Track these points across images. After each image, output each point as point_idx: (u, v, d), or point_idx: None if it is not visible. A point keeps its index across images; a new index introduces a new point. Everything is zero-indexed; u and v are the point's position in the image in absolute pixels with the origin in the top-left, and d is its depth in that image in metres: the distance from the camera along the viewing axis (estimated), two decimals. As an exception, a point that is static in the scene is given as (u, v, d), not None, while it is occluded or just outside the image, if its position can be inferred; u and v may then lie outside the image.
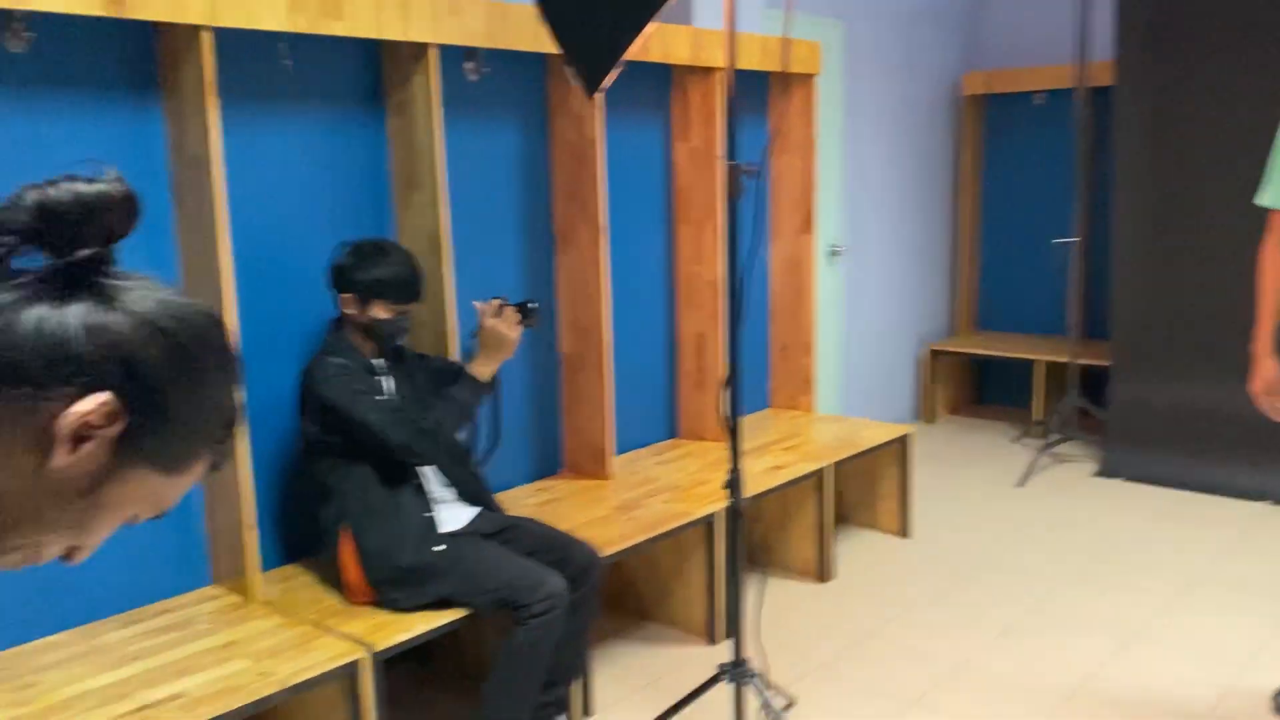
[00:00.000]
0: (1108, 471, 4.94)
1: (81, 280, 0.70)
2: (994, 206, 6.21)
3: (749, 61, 3.91)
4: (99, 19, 2.33)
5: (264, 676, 2.23)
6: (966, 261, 6.22)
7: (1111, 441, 5.00)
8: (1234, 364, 4.41)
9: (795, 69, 4.17)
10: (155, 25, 2.47)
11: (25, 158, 2.35)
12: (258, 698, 2.17)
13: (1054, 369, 5.56)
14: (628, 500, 3.35)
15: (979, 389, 6.45)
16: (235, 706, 2.14)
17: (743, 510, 2.41)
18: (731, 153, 2.34)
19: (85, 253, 0.70)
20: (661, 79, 3.87)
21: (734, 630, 2.62)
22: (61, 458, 0.69)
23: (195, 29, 2.40)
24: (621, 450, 3.84)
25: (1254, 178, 2.90)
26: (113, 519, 0.75)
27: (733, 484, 2.38)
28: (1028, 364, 5.67)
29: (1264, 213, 2.78)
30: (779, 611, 3.59)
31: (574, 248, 3.50)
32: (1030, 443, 5.50)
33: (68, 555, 0.76)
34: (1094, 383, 5.36)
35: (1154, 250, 4.84)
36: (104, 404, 0.69)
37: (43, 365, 0.67)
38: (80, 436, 0.69)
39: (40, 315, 0.68)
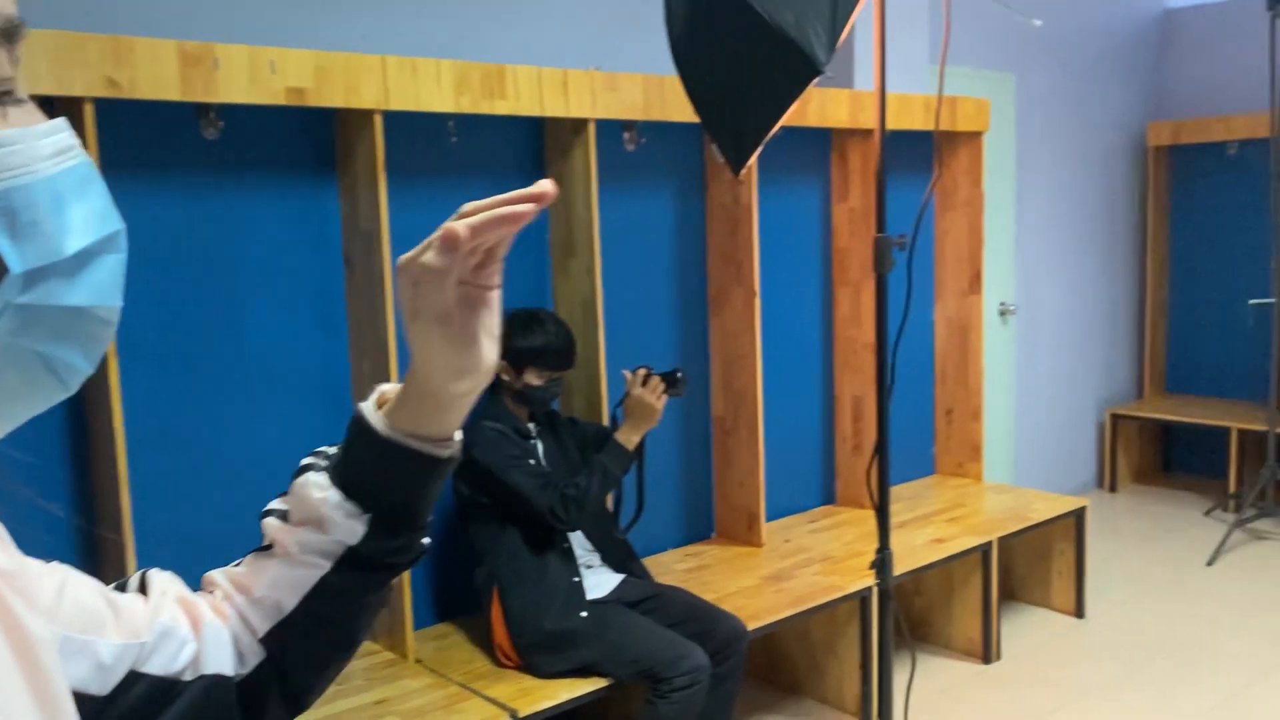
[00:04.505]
0: (1313, 553, 4.53)
1: None
2: (1183, 263, 5.85)
3: (912, 122, 3.84)
4: (283, 108, 2.51)
5: (412, 736, 2.30)
6: (1153, 321, 5.87)
7: (1318, 520, 4.58)
8: None
9: (962, 127, 4.06)
10: (334, 111, 2.64)
11: (218, 232, 2.55)
12: (404, 758, 2.23)
13: (1251, 437, 5.15)
14: (779, 570, 3.29)
15: (1166, 457, 6.04)
16: (383, 765, 2.20)
17: (891, 593, 2.33)
18: (881, 223, 2.29)
19: None
20: (821, 141, 3.85)
21: (885, 716, 2.52)
22: None
23: (369, 113, 2.55)
24: (774, 516, 3.78)
25: None
26: None
27: (880, 564, 2.31)
28: (1221, 431, 5.28)
29: None
30: (938, 693, 3.44)
31: (727, 311, 3.50)
32: (1222, 516, 5.10)
33: None
34: (1297, 454, 4.92)
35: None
36: None
37: None
38: None
39: None
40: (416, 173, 2.86)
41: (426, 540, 0.82)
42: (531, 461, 2.65)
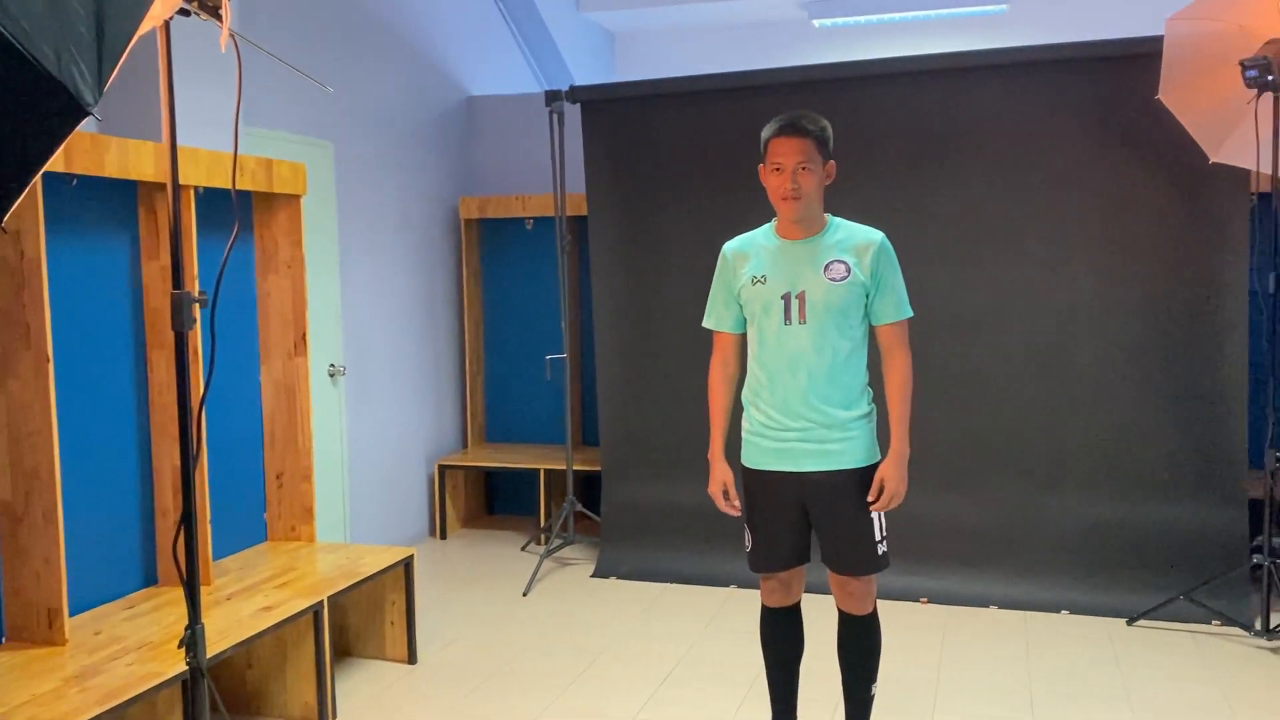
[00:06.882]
0: (603, 571, 5.26)
1: None
2: (496, 324, 6.49)
3: (222, 180, 3.75)
4: None
5: None
6: (471, 376, 6.41)
7: (605, 542, 5.34)
8: (700, 465, 4.93)
9: (279, 189, 4.06)
10: None
11: None
12: None
13: (555, 476, 5.85)
14: (86, 667, 2.93)
15: (490, 501, 6.62)
16: None
17: (205, 670, 2.20)
18: (179, 279, 2.19)
19: None
20: (127, 194, 3.58)
21: (206, 802, 2.36)
22: None
23: None
24: (84, 608, 3.38)
25: (704, 300, 3.25)
26: None
27: (191, 641, 2.17)
28: (532, 473, 5.93)
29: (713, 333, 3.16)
30: (274, 765, 3.32)
31: (13, 380, 3.07)
32: (535, 549, 5.72)
33: None
34: (591, 487, 5.73)
35: (628, 363, 5.32)
36: None
37: None
38: None
39: None
40: None
41: None
42: None
